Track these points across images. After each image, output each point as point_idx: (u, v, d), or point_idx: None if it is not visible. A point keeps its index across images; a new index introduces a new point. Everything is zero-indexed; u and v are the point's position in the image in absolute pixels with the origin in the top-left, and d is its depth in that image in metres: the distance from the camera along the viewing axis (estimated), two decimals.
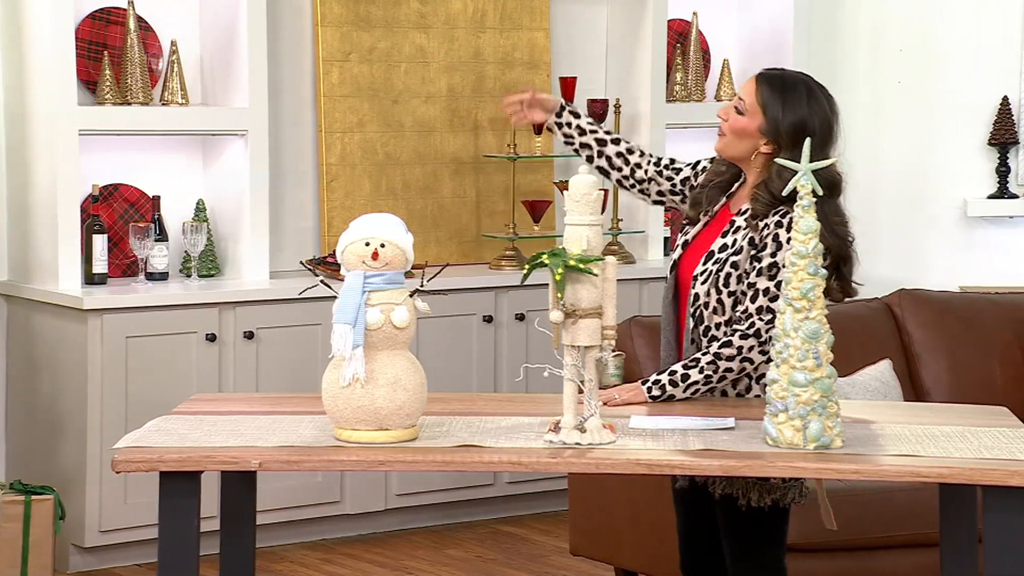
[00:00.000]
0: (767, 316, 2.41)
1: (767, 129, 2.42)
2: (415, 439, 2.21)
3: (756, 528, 2.46)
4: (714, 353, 2.42)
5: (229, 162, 3.98)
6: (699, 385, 2.43)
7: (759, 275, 2.42)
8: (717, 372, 2.42)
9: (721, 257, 2.45)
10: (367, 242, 2.20)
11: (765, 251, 2.41)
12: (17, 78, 3.80)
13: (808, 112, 2.41)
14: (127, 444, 2.18)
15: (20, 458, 3.83)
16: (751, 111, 2.43)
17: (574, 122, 2.64)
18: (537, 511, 4.22)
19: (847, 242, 2.43)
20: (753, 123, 2.43)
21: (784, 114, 2.40)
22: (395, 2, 4.21)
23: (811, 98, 2.43)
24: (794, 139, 2.40)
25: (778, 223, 2.42)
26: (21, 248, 3.85)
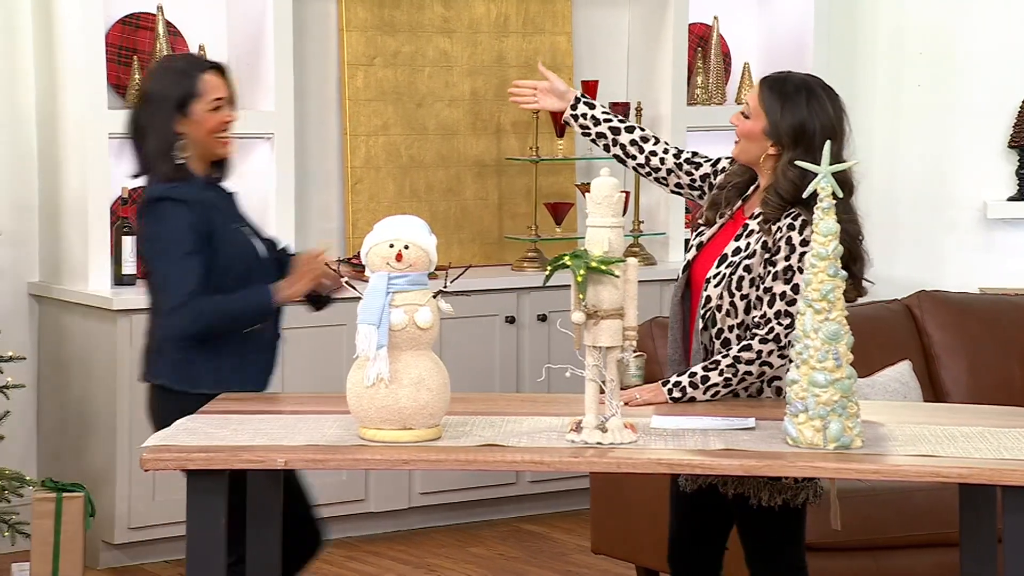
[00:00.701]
0: (786, 320, 2.42)
1: (770, 131, 2.44)
2: (438, 438, 2.24)
3: (770, 527, 2.48)
4: (734, 356, 2.44)
5: (255, 164, 4.02)
6: (719, 387, 2.45)
7: (775, 279, 2.43)
8: (737, 375, 2.44)
9: (734, 260, 2.47)
10: (391, 244, 2.23)
11: (779, 255, 2.43)
12: (48, 82, 3.86)
13: (808, 113, 2.43)
14: (155, 443, 2.21)
15: (51, 456, 3.88)
16: (755, 115, 2.46)
17: (589, 112, 2.66)
18: (559, 510, 4.24)
19: (857, 241, 2.44)
20: (758, 126, 2.46)
21: (783, 116, 2.43)
22: (419, 7, 4.24)
23: (811, 99, 2.44)
24: (794, 140, 2.42)
25: (790, 226, 2.44)
26: (52, 250, 3.91)
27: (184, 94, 2.56)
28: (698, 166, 2.62)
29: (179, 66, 2.63)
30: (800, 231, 2.43)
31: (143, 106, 2.60)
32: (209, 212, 2.57)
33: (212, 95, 2.58)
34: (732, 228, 2.53)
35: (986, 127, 4.68)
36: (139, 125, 2.59)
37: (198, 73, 2.58)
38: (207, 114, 2.58)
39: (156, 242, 2.55)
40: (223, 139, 2.61)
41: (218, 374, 2.54)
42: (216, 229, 2.57)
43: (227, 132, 2.61)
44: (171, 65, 2.66)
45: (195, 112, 2.57)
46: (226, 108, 2.60)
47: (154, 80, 2.62)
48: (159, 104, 2.56)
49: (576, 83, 4.44)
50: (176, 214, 2.53)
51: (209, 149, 2.60)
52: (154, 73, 2.68)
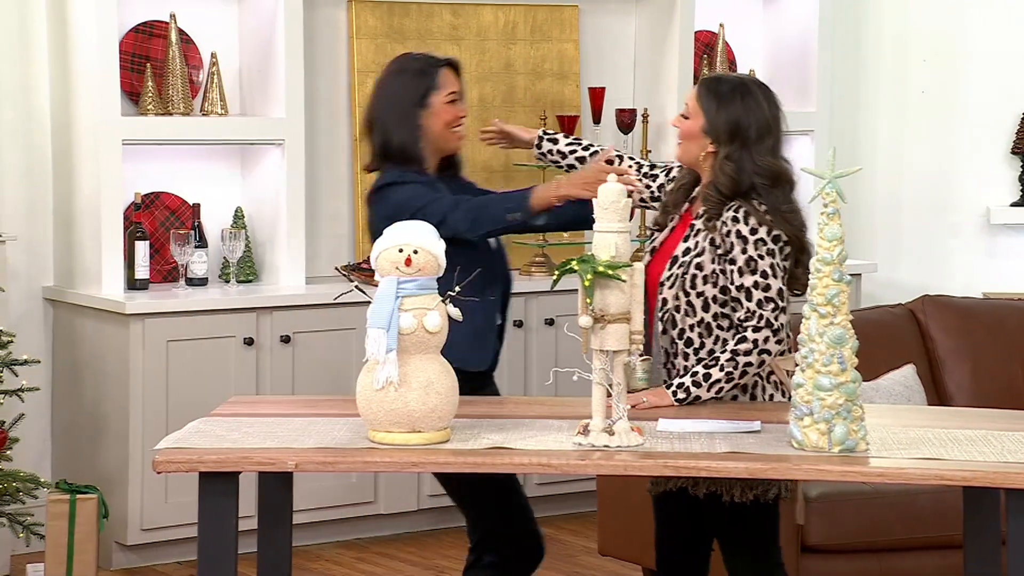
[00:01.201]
0: (769, 305, 2.46)
1: (707, 129, 2.50)
2: (447, 441, 2.26)
3: (744, 524, 2.50)
4: (731, 350, 2.46)
5: (267, 171, 4.05)
6: (722, 383, 2.47)
7: (741, 275, 2.47)
8: (737, 368, 2.46)
9: (685, 260, 2.51)
10: (400, 248, 2.25)
11: (734, 251, 2.47)
12: (63, 90, 3.90)
13: (742, 110, 2.49)
14: (168, 445, 2.23)
15: (65, 459, 3.92)
16: (693, 114, 2.53)
17: (554, 148, 2.75)
18: (566, 512, 4.25)
19: (803, 231, 2.50)
20: (696, 125, 2.52)
21: (718, 113, 2.49)
22: (428, 14, 4.27)
23: (746, 96, 2.51)
24: (730, 136, 2.49)
25: (734, 219, 2.48)
26: (66, 255, 3.94)
27: (425, 87, 2.63)
28: (655, 178, 2.68)
29: (417, 63, 2.68)
30: (745, 221, 2.48)
31: (382, 100, 2.66)
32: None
33: (448, 88, 2.66)
34: (681, 230, 2.57)
35: (989, 133, 4.70)
36: (377, 118, 2.65)
37: (436, 68, 2.65)
38: (444, 106, 2.65)
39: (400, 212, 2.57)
40: (457, 133, 2.68)
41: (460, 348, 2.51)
42: None
43: (461, 126, 2.68)
44: (410, 61, 2.70)
45: (434, 104, 2.64)
46: (459, 103, 2.68)
47: (394, 75, 2.67)
48: (400, 97, 2.63)
49: (583, 90, 4.47)
50: (407, 187, 2.60)
51: (442, 142, 2.67)
52: (393, 68, 2.71)
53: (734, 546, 2.53)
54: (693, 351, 2.51)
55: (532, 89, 4.41)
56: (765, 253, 2.46)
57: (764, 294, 2.47)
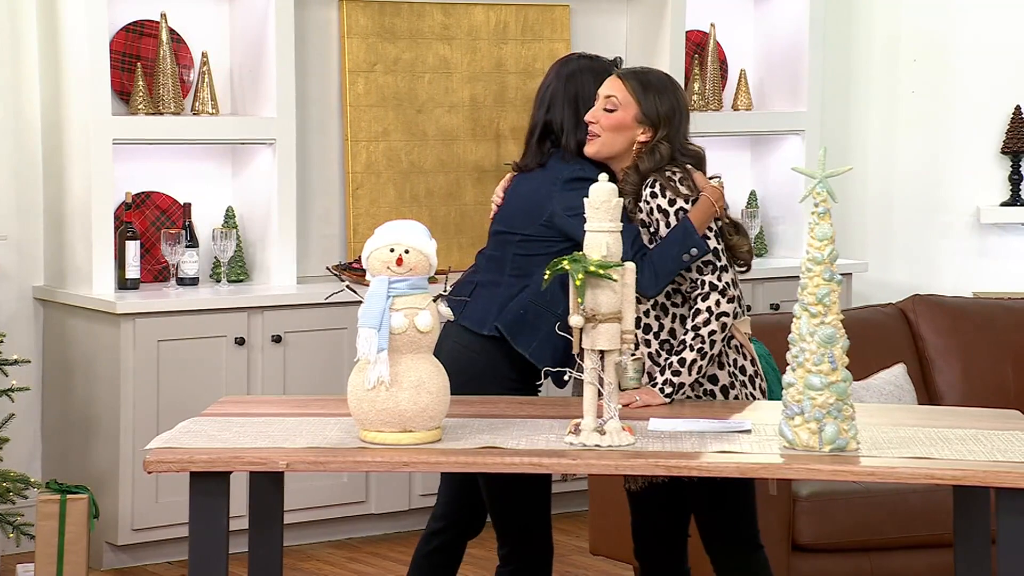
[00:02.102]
0: (708, 268, 2.52)
1: (644, 117, 2.55)
2: (438, 441, 2.26)
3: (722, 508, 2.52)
4: (691, 327, 2.50)
5: (258, 170, 4.05)
6: (698, 361, 2.49)
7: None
8: (705, 341, 2.49)
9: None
10: (391, 248, 2.25)
11: (661, 224, 2.53)
12: (53, 89, 3.89)
13: (675, 96, 2.58)
14: (158, 445, 2.23)
15: (56, 458, 3.91)
16: (624, 104, 2.56)
17: None
18: (558, 511, 4.24)
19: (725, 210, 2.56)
20: (628, 115, 2.56)
21: (657, 100, 2.55)
22: (419, 14, 4.27)
23: (671, 84, 2.60)
24: (667, 121, 2.56)
25: (652, 194, 2.54)
26: (56, 254, 3.93)
27: (596, 90, 2.64)
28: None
29: (598, 65, 2.69)
30: (663, 194, 2.53)
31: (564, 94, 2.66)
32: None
33: (602, 93, 2.65)
34: None
35: (979, 133, 4.71)
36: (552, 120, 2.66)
37: (609, 73, 2.67)
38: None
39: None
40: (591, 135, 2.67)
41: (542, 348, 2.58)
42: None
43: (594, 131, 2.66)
44: (591, 60, 2.72)
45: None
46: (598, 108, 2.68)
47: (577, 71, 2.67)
48: (586, 94, 2.64)
49: None
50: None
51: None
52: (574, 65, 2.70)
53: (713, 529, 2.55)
54: (654, 335, 2.54)
55: (523, 88, 4.41)
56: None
57: (700, 263, 2.52)
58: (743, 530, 2.55)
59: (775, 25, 4.66)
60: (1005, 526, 2.15)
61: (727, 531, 2.54)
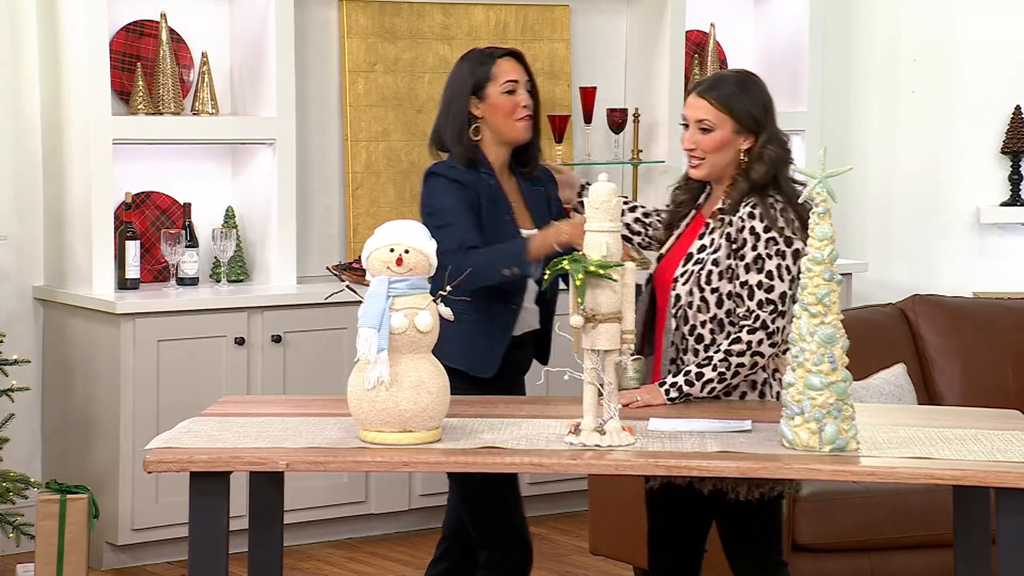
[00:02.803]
0: (768, 308, 2.48)
1: (743, 126, 2.51)
2: (438, 441, 2.26)
3: (749, 522, 2.51)
4: (725, 350, 2.48)
5: (258, 170, 4.05)
6: (714, 383, 2.48)
7: (748, 271, 2.49)
8: (730, 369, 2.47)
9: (701, 257, 2.52)
10: (391, 248, 2.26)
11: (746, 247, 2.49)
12: (53, 89, 3.89)
13: (757, 90, 2.55)
14: (158, 445, 2.23)
15: (56, 458, 3.91)
16: (719, 123, 2.52)
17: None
18: (558, 511, 4.26)
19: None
20: (726, 130, 2.52)
21: (750, 103, 2.52)
22: (419, 14, 4.27)
23: (748, 79, 2.56)
24: (766, 119, 2.53)
25: (750, 215, 2.50)
26: (56, 254, 3.93)
27: (480, 78, 2.63)
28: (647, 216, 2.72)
29: (476, 54, 2.69)
30: (761, 219, 2.50)
31: (444, 92, 2.68)
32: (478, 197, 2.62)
33: (505, 78, 2.65)
34: (692, 233, 2.59)
35: (979, 133, 4.72)
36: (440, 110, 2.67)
37: (493, 58, 2.66)
38: (501, 96, 2.64)
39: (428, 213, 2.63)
40: (519, 122, 2.66)
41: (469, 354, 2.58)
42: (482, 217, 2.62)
43: (522, 115, 2.65)
44: (471, 53, 2.72)
45: (490, 95, 2.64)
46: (520, 92, 2.66)
47: (456, 67, 2.69)
48: (457, 89, 2.64)
49: (575, 89, 4.47)
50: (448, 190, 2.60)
51: (505, 133, 2.66)
52: (457, 62, 2.71)
53: (739, 545, 2.54)
54: (704, 347, 2.52)
55: None
56: (774, 253, 2.48)
57: (766, 295, 2.48)
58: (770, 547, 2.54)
59: (775, 25, 4.67)
60: (1005, 526, 2.16)
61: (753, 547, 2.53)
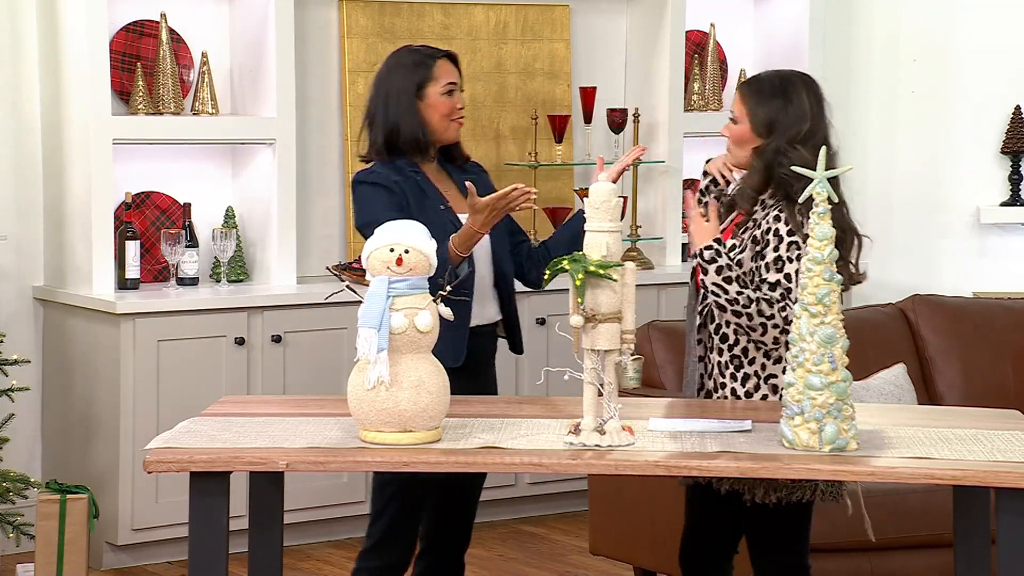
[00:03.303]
0: (780, 303, 2.50)
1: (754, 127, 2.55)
2: (438, 440, 2.26)
3: (771, 525, 2.52)
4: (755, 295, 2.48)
5: (258, 170, 4.06)
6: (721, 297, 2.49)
7: (768, 271, 2.51)
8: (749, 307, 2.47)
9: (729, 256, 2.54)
10: (391, 248, 2.26)
11: (768, 247, 2.51)
12: (53, 89, 3.89)
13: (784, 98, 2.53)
14: (158, 445, 2.23)
15: (55, 458, 3.91)
16: (740, 117, 2.57)
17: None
18: (558, 511, 4.26)
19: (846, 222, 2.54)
20: (745, 127, 2.56)
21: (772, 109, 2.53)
22: (419, 14, 4.28)
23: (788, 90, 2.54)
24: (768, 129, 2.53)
25: (776, 217, 2.52)
26: (56, 254, 3.94)
27: (421, 79, 2.63)
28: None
29: (415, 55, 2.69)
30: (786, 223, 2.52)
31: (382, 93, 2.66)
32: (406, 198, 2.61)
33: (445, 80, 2.66)
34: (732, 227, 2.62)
35: (979, 133, 4.72)
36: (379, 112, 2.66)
37: (432, 59, 2.66)
38: (440, 98, 2.65)
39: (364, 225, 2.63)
40: (454, 124, 2.67)
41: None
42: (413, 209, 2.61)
43: (458, 117, 2.67)
44: (407, 53, 2.71)
45: (430, 96, 2.64)
46: (457, 94, 2.68)
47: (392, 67, 2.67)
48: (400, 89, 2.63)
49: (574, 89, 4.48)
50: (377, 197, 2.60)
51: (439, 134, 2.67)
52: (391, 62, 2.70)
53: (760, 546, 2.55)
54: (728, 347, 2.54)
55: (523, 88, 4.42)
56: (795, 257, 2.50)
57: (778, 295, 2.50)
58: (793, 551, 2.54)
59: (775, 25, 4.67)
60: (1005, 526, 2.16)
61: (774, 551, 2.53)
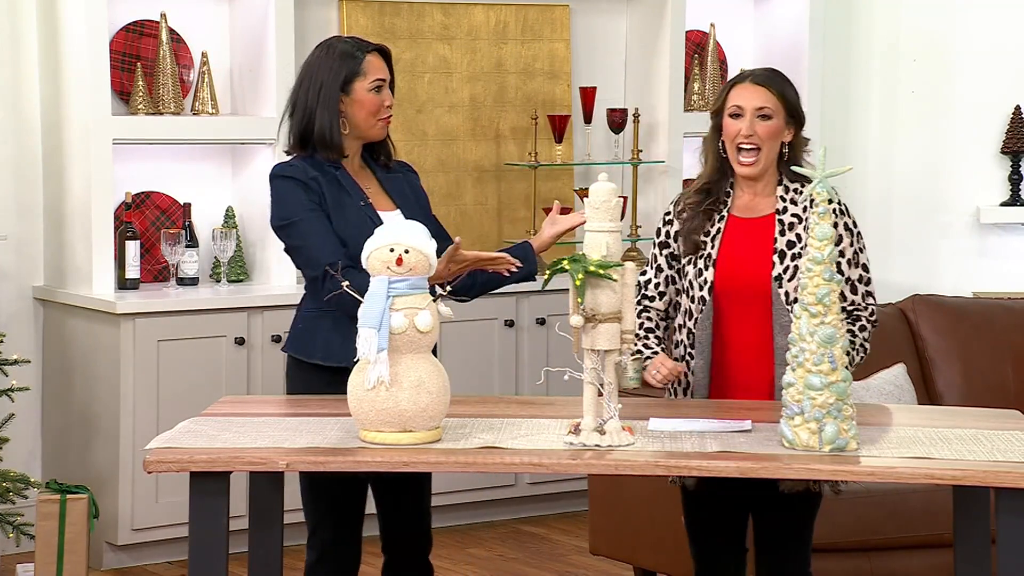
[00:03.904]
0: (870, 299, 2.57)
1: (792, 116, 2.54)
2: (438, 441, 2.26)
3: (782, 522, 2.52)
4: (862, 338, 2.53)
5: (257, 170, 4.05)
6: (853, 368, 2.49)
7: (850, 266, 2.55)
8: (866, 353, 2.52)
9: (796, 252, 2.52)
10: (391, 248, 2.25)
11: (843, 242, 2.53)
12: (53, 89, 3.89)
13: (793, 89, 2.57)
14: (158, 445, 2.23)
15: (56, 458, 3.91)
16: (775, 110, 2.54)
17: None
18: (558, 511, 4.27)
19: None
20: (780, 119, 2.54)
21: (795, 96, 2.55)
22: (419, 14, 4.28)
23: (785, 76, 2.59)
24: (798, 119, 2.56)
25: (840, 211, 2.54)
26: (56, 254, 3.94)
27: (349, 72, 2.52)
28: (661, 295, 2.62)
29: (344, 47, 2.57)
30: (849, 214, 2.56)
31: (305, 83, 2.55)
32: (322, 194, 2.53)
33: (374, 76, 2.55)
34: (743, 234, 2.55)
35: (979, 133, 4.72)
36: (299, 101, 2.55)
37: (362, 53, 2.55)
38: (367, 94, 2.54)
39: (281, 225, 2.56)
40: (381, 122, 2.57)
41: (328, 348, 2.53)
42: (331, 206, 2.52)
43: (385, 115, 2.57)
44: (336, 43, 2.57)
45: (356, 91, 2.54)
46: (386, 90, 2.57)
47: (320, 58, 2.56)
48: (323, 81, 2.52)
49: (574, 89, 4.48)
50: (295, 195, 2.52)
51: (365, 130, 2.57)
52: (319, 52, 2.57)
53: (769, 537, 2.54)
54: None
55: (523, 88, 4.42)
56: (863, 248, 2.57)
57: (866, 288, 2.56)
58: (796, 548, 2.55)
59: (775, 25, 4.67)
60: (1005, 526, 2.16)
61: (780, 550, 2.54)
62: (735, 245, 2.55)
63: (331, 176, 2.58)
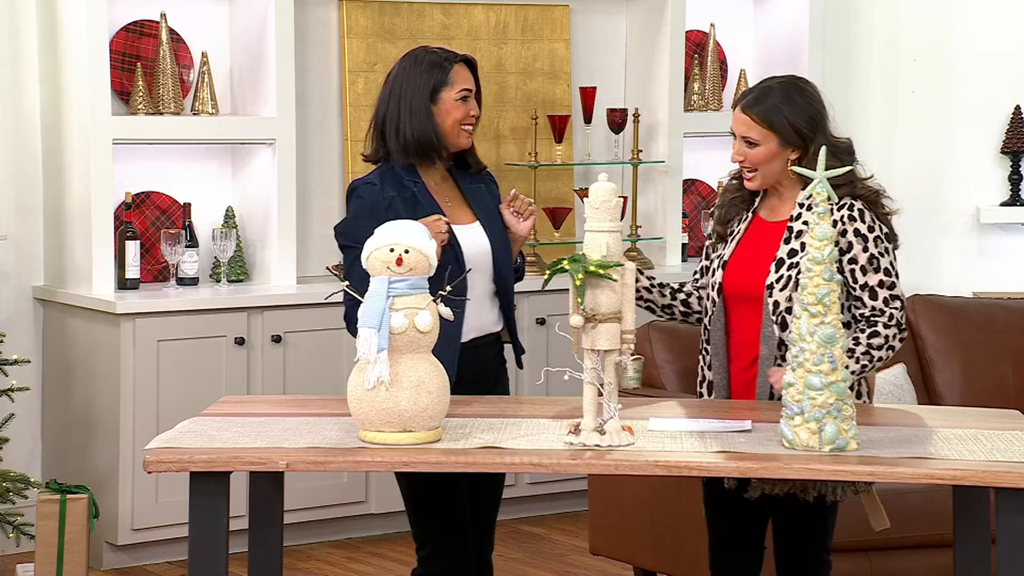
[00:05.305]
0: (895, 303, 2.52)
1: (788, 139, 2.50)
2: (438, 440, 2.26)
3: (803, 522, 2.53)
4: (866, 344, 2.48)
5: (257, 170, 4.06)
6: (856, 374, 2.48)
7: (864, 273, 2.51)
8: (872, 361, 2.49)
9: (795, 262, 2.50)
10: (391, 248, 2.25)
11: (854, 249, 2.50)
12: (53, 89, 3.89)
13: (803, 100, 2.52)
14: (158, 445, 2.23)
15: (55, 458, 3.92)
16: (762, 138, 2.51)
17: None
18: (558, 511, 4.27)
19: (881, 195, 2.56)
20: (771, 144, 2.51)
21: (793, 115, 2.50)
22: (419, 14, 4.28)
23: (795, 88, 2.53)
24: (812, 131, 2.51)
25: (850, 218, 2.51)
26: (56, 254, 3.94)
27: (437, 82, 2.57)
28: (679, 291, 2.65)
29: (432, 57, 2.61)
30: (862, 219, 2.52)
31: (395, 93, 2.58)
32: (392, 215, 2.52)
33: (460, 85, 2.59)
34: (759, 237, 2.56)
35: (979, 133, 4.72)
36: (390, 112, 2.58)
37: (450, 63, 2.59)
38: (454, 103, 2.58)
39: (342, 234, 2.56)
40: (466, 131, 2.60)
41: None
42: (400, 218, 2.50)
43: (471, 124, 2.61)
44: (424, 54, 2.61)
45: (444, 100, 2.57)
46: (471, 100, 2.61)
47: (408, 68, 2.59)
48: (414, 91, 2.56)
49: (574, 89, 4.48)
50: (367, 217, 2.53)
51: (451, 139, 2.59)
52: (407, 62, 2.61)
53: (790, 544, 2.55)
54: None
55: (523, 88, 4.42)
56: (884, 251, 2.52)
57: (889, 292, 2.51)
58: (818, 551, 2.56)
59: (775, 25, 4.67)
60: (1005, 526, 2.16)
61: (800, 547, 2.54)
62: (748, 249, 2.55)
63: (409, 194, 2.60)
